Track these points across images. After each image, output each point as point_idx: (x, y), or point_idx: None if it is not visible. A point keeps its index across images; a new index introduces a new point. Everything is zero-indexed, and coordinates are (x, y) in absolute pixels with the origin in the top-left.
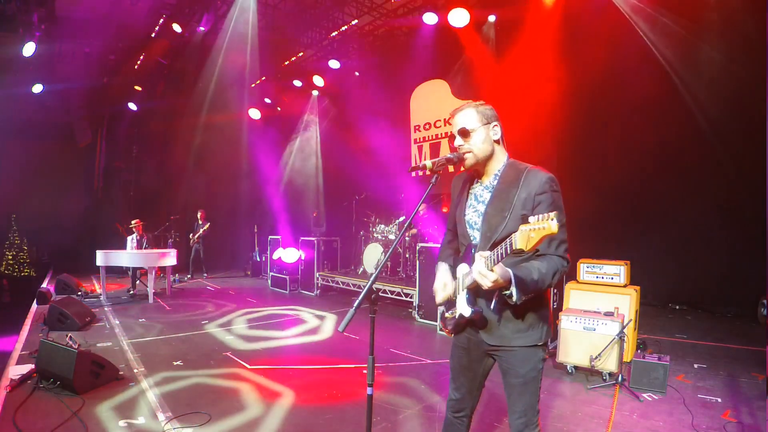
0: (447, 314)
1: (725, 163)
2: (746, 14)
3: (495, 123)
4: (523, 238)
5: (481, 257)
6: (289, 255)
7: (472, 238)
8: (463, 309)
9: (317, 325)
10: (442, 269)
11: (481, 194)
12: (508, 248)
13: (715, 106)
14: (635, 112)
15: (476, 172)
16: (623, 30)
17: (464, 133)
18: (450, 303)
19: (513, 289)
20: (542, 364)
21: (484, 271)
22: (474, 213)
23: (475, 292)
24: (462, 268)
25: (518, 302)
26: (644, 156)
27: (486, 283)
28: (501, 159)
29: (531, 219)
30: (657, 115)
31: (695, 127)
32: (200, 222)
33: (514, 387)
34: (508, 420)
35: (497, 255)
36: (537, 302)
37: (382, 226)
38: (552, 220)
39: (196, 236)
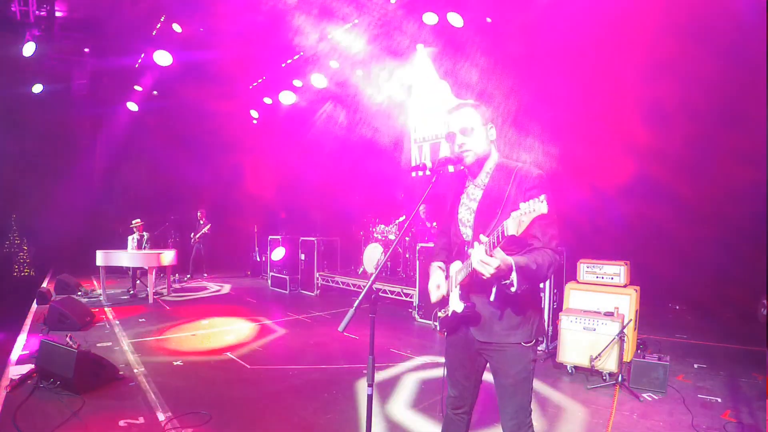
0: (440, 313)
1: (725, 162)
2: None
3: (491, 124)
4: (515, 223)
5: (480, 245)
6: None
7: (464, 235)
8: (456, 305)
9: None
10: (435, 269)
11: (473, 192)
12: (500, 235)
13: (716, 105)
14: (636, 112)
15: (470, 171)
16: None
17: (466, 132)
18: (443, 302)
19: (514, 276)
20: (533, 365)
21: (486, 258)
22: (466, 211)
23: (468, 288)
24: (454, 266)
25: (518, 291)
26: (644, 155)
27: (488, 270)
28: (493, 158)
29: (522, 205)
30: (658, 114)
31: (696, 126)
32: (201, 221)
33: (505, 388)
34: (500, 421)
35: (491, 243)
36: (528, 300)
37: (382, 226)
38: (542, 202)
39: (197, 236)
